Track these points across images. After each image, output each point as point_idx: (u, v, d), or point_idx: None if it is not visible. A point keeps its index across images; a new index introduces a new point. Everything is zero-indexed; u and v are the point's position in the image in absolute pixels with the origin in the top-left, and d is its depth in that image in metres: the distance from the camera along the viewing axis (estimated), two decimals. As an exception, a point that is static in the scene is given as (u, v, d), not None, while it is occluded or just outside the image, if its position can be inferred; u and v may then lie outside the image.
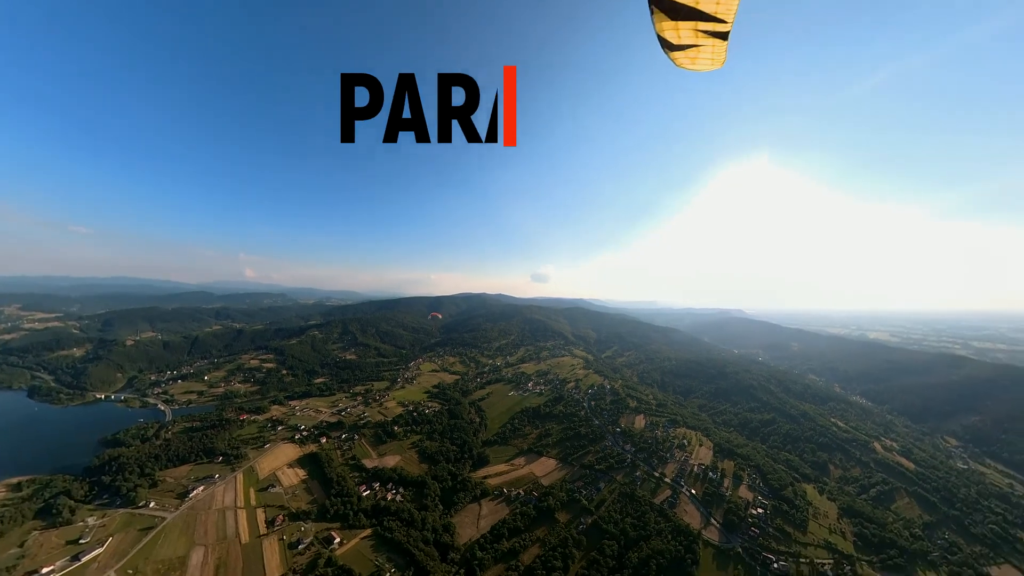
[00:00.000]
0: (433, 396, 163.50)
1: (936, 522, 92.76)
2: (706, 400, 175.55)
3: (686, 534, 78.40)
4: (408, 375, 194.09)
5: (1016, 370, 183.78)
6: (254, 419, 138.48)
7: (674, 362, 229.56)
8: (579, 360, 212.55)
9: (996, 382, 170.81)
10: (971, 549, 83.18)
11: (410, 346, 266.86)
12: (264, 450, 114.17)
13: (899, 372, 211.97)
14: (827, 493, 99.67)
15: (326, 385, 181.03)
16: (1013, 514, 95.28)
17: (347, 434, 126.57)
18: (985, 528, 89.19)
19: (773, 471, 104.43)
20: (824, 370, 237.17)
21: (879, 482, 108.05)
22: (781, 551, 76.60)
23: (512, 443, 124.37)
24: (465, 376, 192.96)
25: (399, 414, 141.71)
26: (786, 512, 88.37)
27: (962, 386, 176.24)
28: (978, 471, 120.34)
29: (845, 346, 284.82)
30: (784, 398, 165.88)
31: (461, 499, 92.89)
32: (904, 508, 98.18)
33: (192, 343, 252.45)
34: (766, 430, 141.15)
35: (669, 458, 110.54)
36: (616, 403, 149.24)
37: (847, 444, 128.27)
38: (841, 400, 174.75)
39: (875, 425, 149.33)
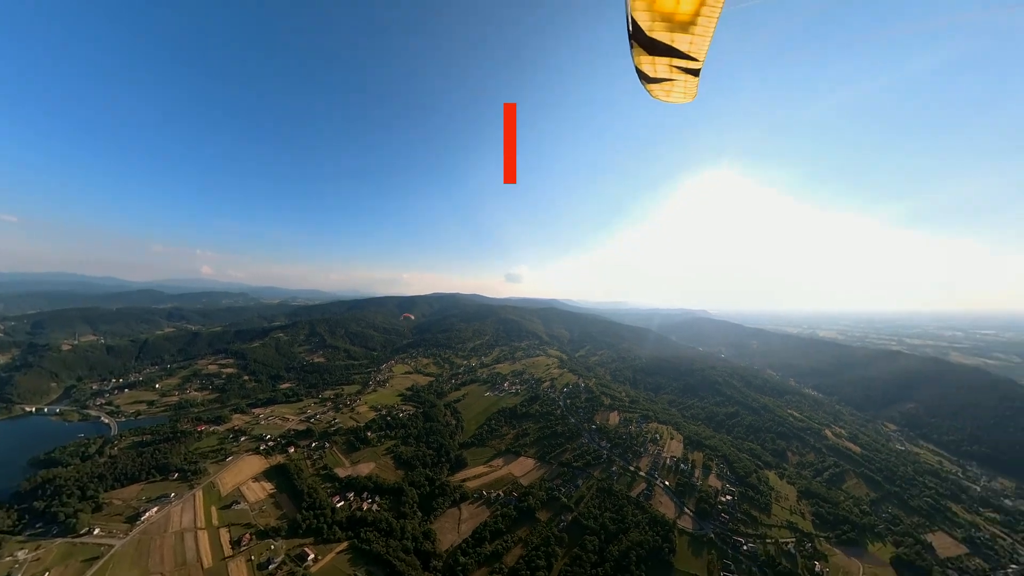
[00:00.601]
0: (407, 399, 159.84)
1: (880, 498, 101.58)
2: (675, 396, 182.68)
3: (662, 524, 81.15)
4: (380, 378, 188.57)
5: (941, 363, 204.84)
6: (214, 430, 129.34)
7: (644, 360, 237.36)
8: (554, 360, 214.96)
9: (925, 374, 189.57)
10: (911, 520, 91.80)
11: (382, 348, 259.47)
12: (226, 464, 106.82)
13: (845, 366, 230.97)
14: (787, 478, 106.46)
15: (293, 391, 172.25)
16: (943, 488, 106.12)
17: (317, 442, 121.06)
18: (922, 501, 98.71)
19: (739, 460, 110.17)
20: (781, 366, 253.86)
21: (831, 465, 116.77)
22: (749, 534, 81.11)
23: (490, 444, 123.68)
24: (440, 377, 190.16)
25: (372, 419, 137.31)
26: (752, 497, 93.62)
27: (898, 378, 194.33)
28: (913, 452, 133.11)
29: (799, 344, 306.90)
30: (746, 392, 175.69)
31: (440, 504, 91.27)
32: (853, 487, 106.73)
33: (141, 347, 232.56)
34: (731, 422, 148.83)
35: (643, 452, 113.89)
36: (591, 401, 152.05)
37: (802, 432, 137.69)
38: (796, 393, 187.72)
39: (826, 414, 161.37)
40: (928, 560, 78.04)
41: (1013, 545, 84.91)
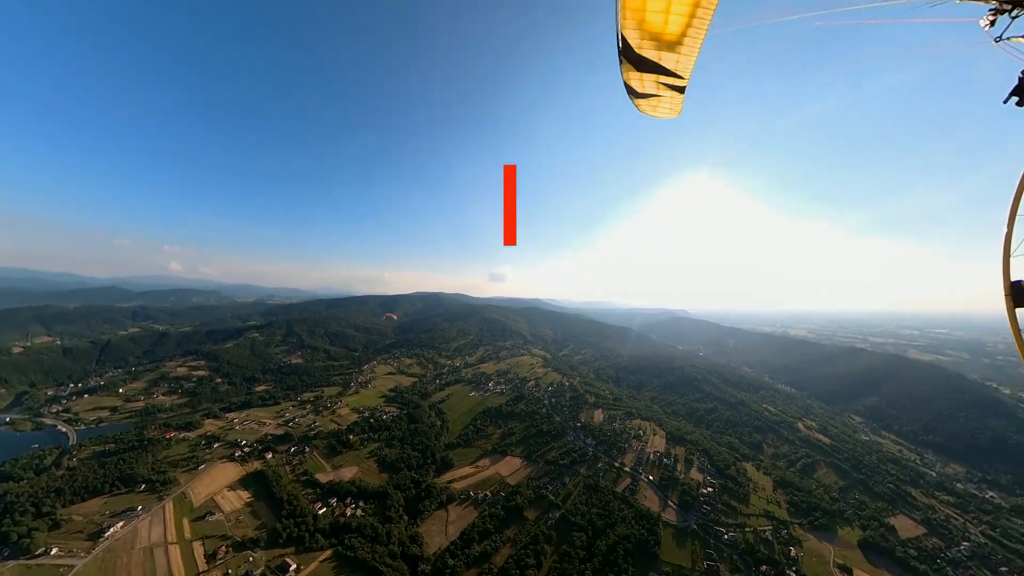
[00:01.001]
0: (390, 400, 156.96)
1: (848, 485, 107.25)
2: (657, 393, 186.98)
3: (648, 518, 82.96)
4: (362, 379, 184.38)
5: (900, 359, 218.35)
6: (184, 437, 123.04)
7: (627, 359, 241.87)
8: (538, 359, 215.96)
9: (886, 369, 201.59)
10: (875, 505, 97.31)
11: (363, 348, 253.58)
12: (198, 472, 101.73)
13: (814, 363, 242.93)
14: (763, 469, 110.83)
15: (269, 393, 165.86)
16: (903, 474, 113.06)
17: (297, 447, 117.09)
18: (884, 487, 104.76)
19: (718, 453, 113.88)
20: (756, 363, 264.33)
21: (803, 456, 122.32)
22: (729, 524, 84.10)
23: (476, 444, 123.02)
24: (423, 378, 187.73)
25: (354, 421, 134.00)
26: (731, 489, 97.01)
27: (862, 373, 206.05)
28: (876, 442, 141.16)
29: (772, 342, 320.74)
30: (724, 388, 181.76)
31: (427, 507, 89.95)
32: (824, 476, 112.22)
33: (102, 349, 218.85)
34: (710, 417, 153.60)
35: (627, 448, 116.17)
36: (575, 399, 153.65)
37: (777, 426, 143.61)
38: (770, 388, 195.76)
39: (798, 408, 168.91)
40: (891, 541, 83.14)
41: (964, 524, 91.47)
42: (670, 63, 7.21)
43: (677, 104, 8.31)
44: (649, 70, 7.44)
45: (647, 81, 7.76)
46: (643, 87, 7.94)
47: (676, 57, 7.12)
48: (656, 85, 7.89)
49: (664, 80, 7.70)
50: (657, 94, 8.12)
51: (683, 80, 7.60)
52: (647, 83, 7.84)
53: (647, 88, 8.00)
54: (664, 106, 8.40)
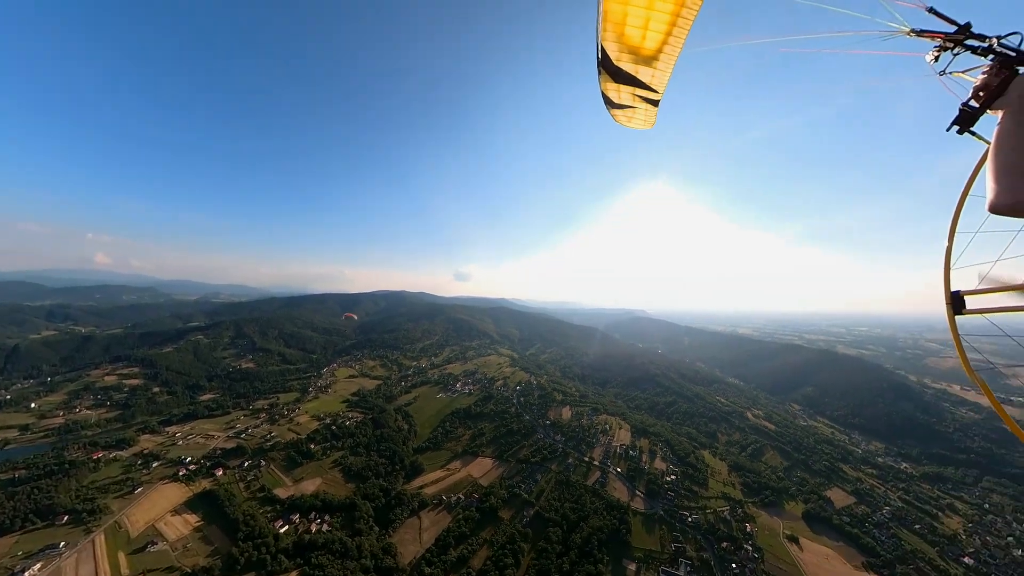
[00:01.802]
0: (353, 405, 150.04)
1: (791, 465, 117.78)
2: (621, 389, 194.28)
3: (618, 508, 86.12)
4: (322, 383, 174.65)
5: (830, 354, 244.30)
6: (115, 457, 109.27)
7: (592, 357, 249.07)
8: (505, 358, 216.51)
9: (819, 363, 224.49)
10: (814, 481, 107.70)
11: (322, 350, 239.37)
12: (135, 497, 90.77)
13: (759, 358, 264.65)
14: (719, 455, 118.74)
15: (217, 402, 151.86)
16: (836, 453, 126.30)
17: (251, 461, 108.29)
18: (821, 465, 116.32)
19: (679, 443, 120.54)
20: (708, 359, 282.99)
21: (753, 442, 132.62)
22: (692, 507, 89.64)
23: (445, 447, 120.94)
24: (388, 380, 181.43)
25: (315, 429, 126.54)
26: (692, 475, 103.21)
27: (799, 367, 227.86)
28: (813, 426, 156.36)
29: (722, 339, 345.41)
30: (681, 383, 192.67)
31: (398, 515, 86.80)
32: (770, 458, 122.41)
33: (7, 356, 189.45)
34: (670, 410, 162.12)
35: (595, 443, 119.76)
36: (543, 397, 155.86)
37: (729, 415, 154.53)
38: (722, 382, 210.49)
39: (746, 399, 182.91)
40: (828, 511, 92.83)
41: (885, 492, 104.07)
42: (646, 77, 7.47)
43: (651, 117, 8.66)
44: (626, 82, 7.68)
45: (623, 92, 8.00)
46: (619, 98, 8.18)
47: (652, 72, 7.38)
48: (632, 97, 8.11)
49: (639, 93, 7.95)
50: (633, 105, 8.39)
51: (657, 94, 7.89)
52: (623, 94, 8.07)
53: (623, 99, 8.24)
54: (639, 118, 8.74)
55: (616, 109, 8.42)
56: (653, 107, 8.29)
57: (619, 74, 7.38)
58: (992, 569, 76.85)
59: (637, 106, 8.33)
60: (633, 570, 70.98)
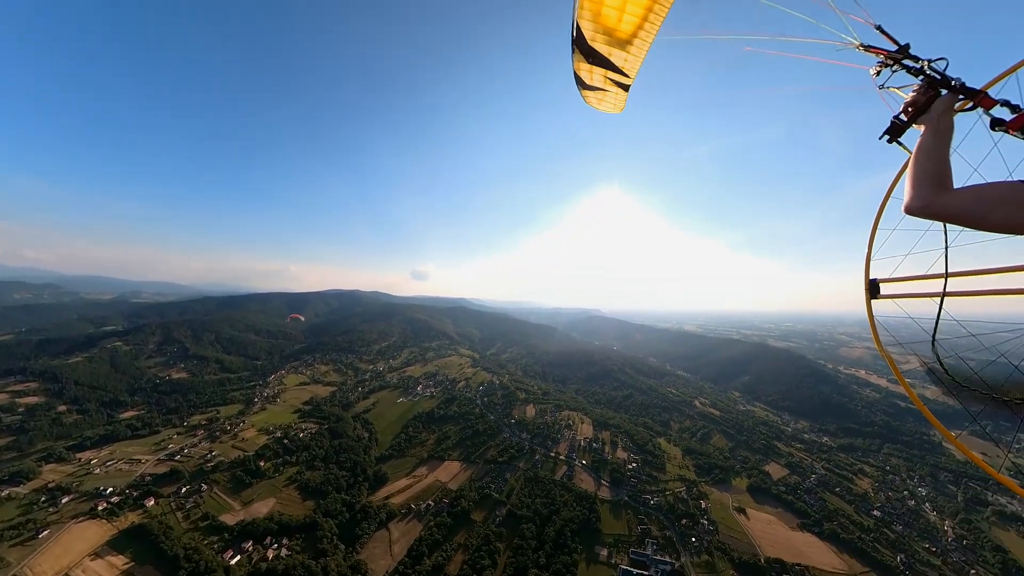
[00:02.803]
0: (306, 415, 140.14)
1: (735, 446, 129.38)
2: (580, 385, 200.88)
3: (586, 498, 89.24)
4: (268, 393, 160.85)
5: (764, 347, 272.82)
6: (10, 494, 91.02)
7: (551, 355, 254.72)
8: (466, 359, 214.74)
9: (755, 355, 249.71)
10: (754, 458, 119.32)
11: (267, 355, 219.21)
12: (40, 542, 76.31)
13: (703, 352, 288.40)
14: (673, 441, 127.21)
15: (143, 420, 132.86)
16: (771, 432, 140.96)
17: (190, 485, 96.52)
18: (759, 443, 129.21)
19: (637, 433, 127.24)
20: (659, 354, 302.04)
21: (701, 427, 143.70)
22: (653, 491, 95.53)
23: (410, 453, 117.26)
24: (343, 386, 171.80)
25: (264, 445, 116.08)
26: (651, 461, 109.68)
27: (738, 358, 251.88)
28: (751, 410, 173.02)
29: (671, 336, 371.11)
30: (636, 377, 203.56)
31: (366, 529, 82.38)
32: (717, 441, 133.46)
33: None
34: (627, 403, 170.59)
35: (560, 438, 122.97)
36: (507, 397, 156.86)
37: (679, 405, 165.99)
38: (672, 375, 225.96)
39: (694, 389, 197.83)
40: (768, 483, 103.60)
41: (812, 463, 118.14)
42: (619, 60, 7.42)
43: (620, 101, 8.59)
44: (598, 64, 7.61)
45: (596, 74, 7.90)
46: (592, 80, 8.07)
47: (625, 55, 7.35)
48: (604, 79, 8.03)
49: (611, 76, 7.90)
50: (604, 88, 8.30)
51: (628, 79, 7.89)
52: (596, 76, 7.96)
53: (595, 81, 8.12)
54: (609, 101, 8.64)
55: (587, 90, 8.26)
56: (623, 91, 8.21)
57: (592, 55, 7.25)
58: (894, 518, 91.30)
59: (608, 89, 8.20)
60: (605, 555, 74.00)
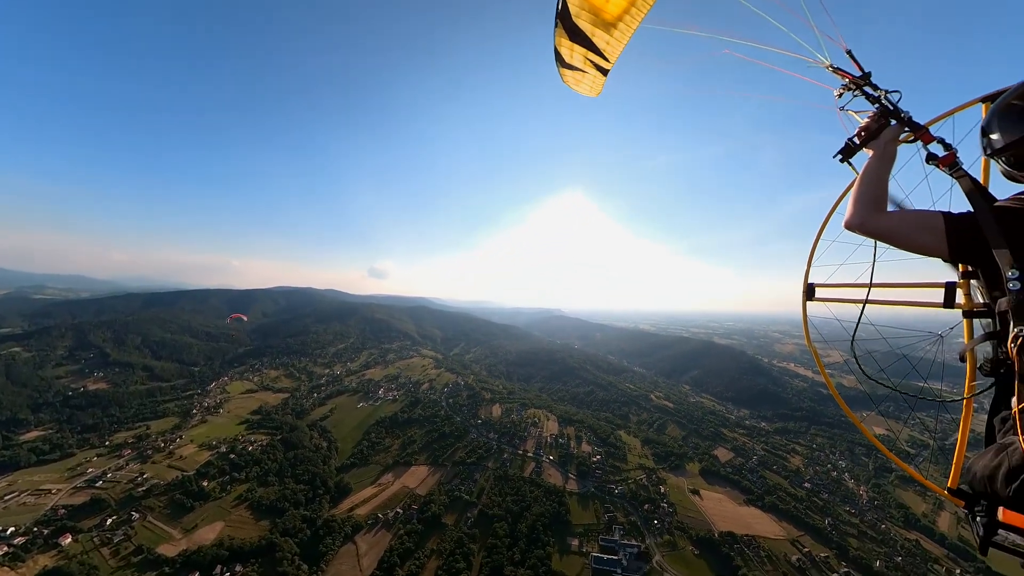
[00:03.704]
0: (255, 426, 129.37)
1: (687, 434, 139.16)
2: (544, 383, 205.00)
3: (556, 493, 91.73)
4: (209, 403, 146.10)
5: (710, 343, 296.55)
6: None
7: (515, 354, 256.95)
8: (429, 360, 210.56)
9: (702, 351, 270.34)
10: (705, 444, 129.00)
11: (207, 360, 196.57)
12: None
13: (656, 349, 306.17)
14: (632, 433, 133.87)
15: (52, 442, 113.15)
16: (717, 420, 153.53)
17: (117, 516, 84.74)
18: (708, 431, 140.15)
19: (599, 427, 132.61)
20: (616, 351, 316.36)
21: (657, 419, 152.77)
22: (617, 480, 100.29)
23: (374, 461, 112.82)
24: (297, 393, 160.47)
25: (206, 462, 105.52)
26: (613, 453, 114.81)
27: (688, 354, 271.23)
28: (701, 401, 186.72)
29: (627, 334, 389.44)
30: (596, 374, 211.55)
31: (330, 545, 77.86)
32: (671, 431, 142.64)
33: None
34: (589, 399, 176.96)
35: (527, 436, 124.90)
36: (472, 397, 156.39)
37: (637, 399, 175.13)
38: (629, 371, 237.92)
39: (649, 384, 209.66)
40: (717, 466, 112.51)
41: (753, 445, 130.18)
42: (601, 42, 7.13)
43: (598, 85, 8.33)
44: (580, 43, 7.31)
45: (576, 53, 7.59)
46: (571, 58, 7.77)
47: (608, 38, 7.07)
48: (584, 60, 7.73)
49: (591, 57, 7.63)
50: (583, 69, 7.98)
51: (608, 63, 7.63)
52: (576, 55, 7.67)
53: (575, 61, 7.82)
54: (586, 83, 8.35)
55: (566, 69, 7.93)
56: (602, 75, 7.90)
57: (575, 32, 6.96)
58: (821, 488, 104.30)
59: (587, 71, 7.88)
60: (576, 544, 76.76)
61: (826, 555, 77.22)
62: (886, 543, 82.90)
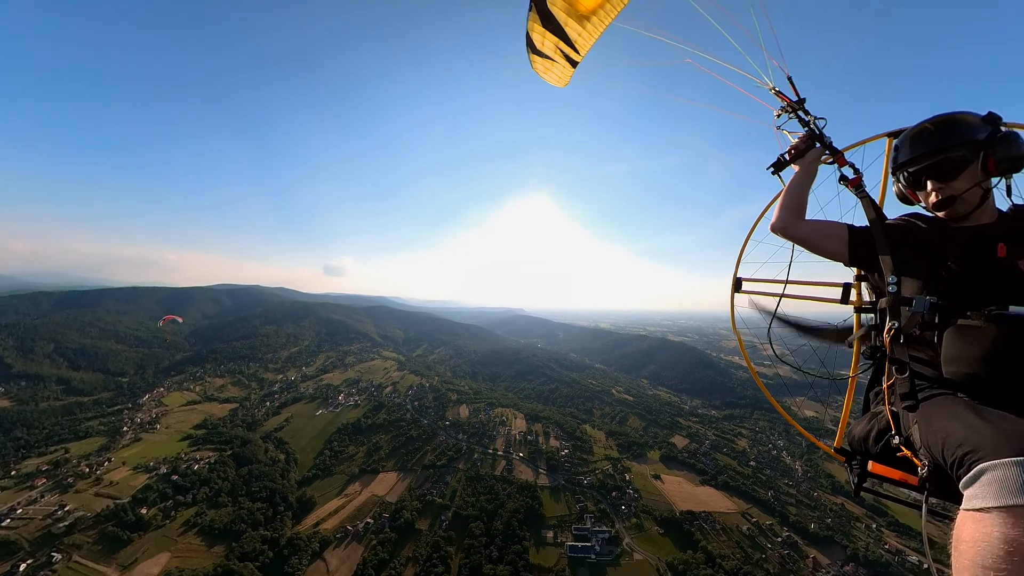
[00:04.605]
0: (200, 441, 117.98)
1: (647, 424, 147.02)
2: (510, 382, 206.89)
3: (528, 488, 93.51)
4: (143, 418, 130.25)
5: (665, 340, 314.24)
6: None
7: (480, 354, 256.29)
8: (391, 362, 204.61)
9: (658, 347, 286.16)
10: (663, 432, 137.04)
11: (138, 370, 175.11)
12: None
13: (616, 346, 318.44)
14: (597, 426, 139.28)
15: None
16: (674, 410, 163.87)
17: (32, 560, 72.95)
18: (666, 420, 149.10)
19: (565, 422, 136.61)
20: (578, 349, 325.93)
21: (619, 412, 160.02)
22: (585, 472, 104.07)
23: (338, 471, 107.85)
24: (247, 402, 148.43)
25: (144, 486, 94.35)
26: (580, 446, 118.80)
27: (645, 351, 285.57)
28: (657, 394, 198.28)
29: (589, 333, 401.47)
30: (560, 371, 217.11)
31: (296, 565, 73.00)
32: (633, 423, 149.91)
33: None
34: (554, 396, 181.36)
35: (496, 435, 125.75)
36: (439, 399, 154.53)
37: (600, 394, 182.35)
38: (591, 367, 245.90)
39: (610, 379, 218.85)
40: (675, 451, 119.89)
41: (705, 431, 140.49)
42: (573, 33, 6.92)
43: (566, 76, 8.10)
44: (552, 31, 7.07)
45: (548, 41, 7.33)
46: (543, 45, 7.49)
47: (580, 30, 6.85)
48: (555, 49, 7.47)
49: (562, 47, 7.37)
50: (552, 58, 7.72)
51: (578, 56, 7.44)
52: (547, 43, 7.39)
53: (546, 49, 7.54)
54: (555, 72, 8.09)
55: (536, 55, 7.77)
56: (571, 67, 7.73)
57: (549, 19, 6.82)
58: (764, 465, 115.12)
59: (557, 60, 7.70)
60: (551, 536, 78.97)
61: (770, 522, 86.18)
62: (818, 508, 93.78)
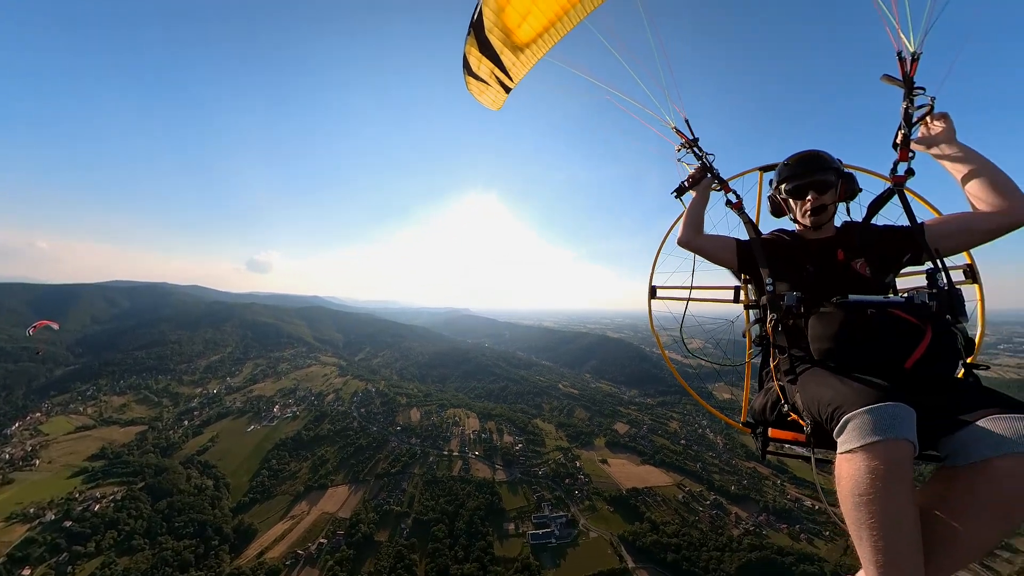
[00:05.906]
0: (98, 476, 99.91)
1: (592, 415, 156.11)
2: (459, 382, 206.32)
3: (486, 485, 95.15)
4: (15, 452, 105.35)
5: (605, 337, 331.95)
6: None
7: (427, 356, 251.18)
8: (331, 368, 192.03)
9: (598, 344, 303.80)
10: (606, 421, 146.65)
11: (3, 391, 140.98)
12: None
13: (560, 343, 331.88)
14: (547, 420, 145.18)
15: None
16: (615, 401, 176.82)
17: None
18: (608, 410, 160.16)
19: (517, 418, 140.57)
20: (525, 348, 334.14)
21: (566, 404, 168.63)
22: (539, 463, 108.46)
23: (280, 491, 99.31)
24: (158, 423, 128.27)
25: (24, 539, 77.50)
26: (532, 440, 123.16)
27: (587, 347, 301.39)
28: (600, 386, 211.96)
29: (533, 331, 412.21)
30: (509, 370, 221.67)
31: (241, 599, 66.98)
32: (579, 414, 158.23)
33: None
34: (504, 393, 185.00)
35: (450, 436, 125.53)
36: (387, 404, 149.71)
37: (548, 390, 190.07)
38: (538, 365, 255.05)
39: (557, 375, 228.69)
40: (618, 437, 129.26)
41: (642, 417, 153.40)
42: (507, 61, 7.16)
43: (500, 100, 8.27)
44: (488, 56, 7.23)
45: (484, 65, 7.47)
46: (479, 69, 7.61)
47: (514, 59, 7.14)
48: (489, 73, 7.63)
49: (497, 73, 7.55)
50: (487, 82, 7.82)
51: (512, 82, 7.73)
52: (483, 67, 7.52)
53: (481, 72, 7.67)
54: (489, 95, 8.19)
55: (472, 77, 7.88)
56: (505, 92, 7.95)
57: (485, 45, 6.98)
58: (692, 442, 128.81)
59: (491, 84, 7.83)
60: (513, 528, 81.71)
61: (700, 489, 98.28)
62: (736, 473, 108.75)
